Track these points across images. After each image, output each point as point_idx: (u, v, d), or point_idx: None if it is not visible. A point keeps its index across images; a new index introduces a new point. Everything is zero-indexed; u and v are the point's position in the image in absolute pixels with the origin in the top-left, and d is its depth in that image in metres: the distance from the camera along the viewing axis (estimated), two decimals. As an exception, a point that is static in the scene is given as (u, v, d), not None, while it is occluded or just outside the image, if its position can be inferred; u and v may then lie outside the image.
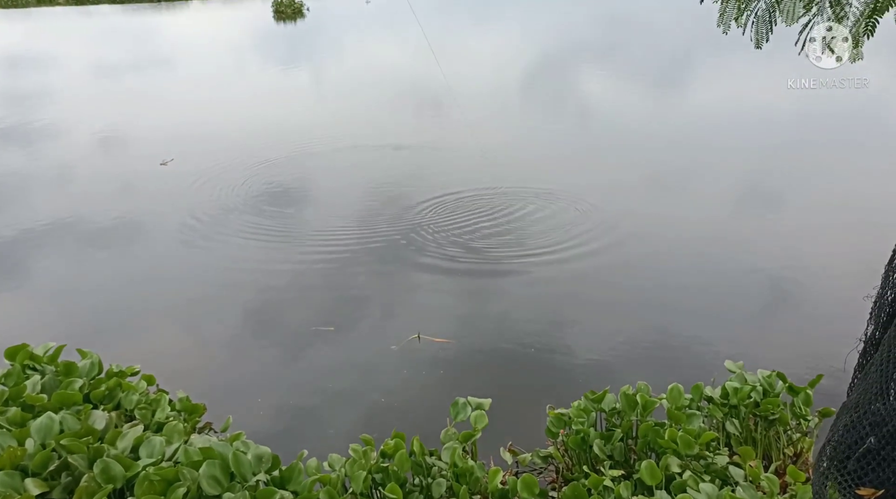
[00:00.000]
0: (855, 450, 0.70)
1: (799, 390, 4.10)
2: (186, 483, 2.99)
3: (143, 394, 4.14)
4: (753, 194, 10.22)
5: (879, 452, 0.68)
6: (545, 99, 17.40)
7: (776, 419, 4.03)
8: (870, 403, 0.72)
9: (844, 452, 0.71)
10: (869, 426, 0.70)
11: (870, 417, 0.71)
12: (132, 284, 8.16)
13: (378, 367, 6.29)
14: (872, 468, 0.68)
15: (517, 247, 8.68)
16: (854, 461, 0.70)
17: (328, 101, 18.78)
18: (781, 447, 4.09)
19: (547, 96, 17.67)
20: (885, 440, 0.68)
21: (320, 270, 8.29)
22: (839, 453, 0.71)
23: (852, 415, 0.73)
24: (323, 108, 17.95)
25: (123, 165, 13.16)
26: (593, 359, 6.25)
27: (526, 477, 3.59)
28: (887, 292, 0.82)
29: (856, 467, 0.69)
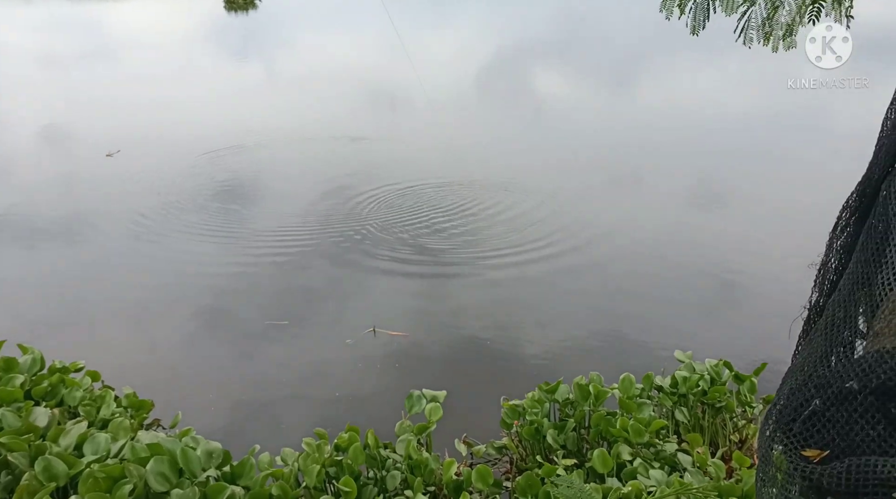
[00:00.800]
0: (800, 413, 0.72)
1: (744, 379, 4.23)
2: (133, 480, 2.92)
3: (88, 390, 4.03)
4: (705, 194, 10.47)
5: (824, 413, 0.70)
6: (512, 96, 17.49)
7: (723, 407, 4.15)
8: (814, 367, 0.75)
9: (790, 415, 0.73)
10: (814, 389, 0.72)
11: (815, 380, 0.73)
12: (76, 279, 7.91)
13: (333, 361, 6.24)
14: (817, 430, 0.70)
15: (474, 242, 8.71)
16: (799, 424, 0.72)
17: (282, 94, 18.50)
18: (727, 434, 4.21)
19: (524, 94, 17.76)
20: (830, 402, 0.70)
21: (273, 264, 8.18)
22: (785, 417, 0.73)
23: (797, 379, 0.75)
24: (276, 100, 17.68)
25: (68, 158, 12.74)
26: (548, 352, 6.32)
27: (480, 468, 3.62)
28: (831, 259, 0.85)
29: (801, 430, 0.72)
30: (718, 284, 7.54)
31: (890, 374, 0.67)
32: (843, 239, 0.85)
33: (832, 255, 0.86)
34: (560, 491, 1.85)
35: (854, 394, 0.70)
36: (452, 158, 11.78)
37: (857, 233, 0.83)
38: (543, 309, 7.07)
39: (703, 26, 3.65)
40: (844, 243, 0.85)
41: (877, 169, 0.82)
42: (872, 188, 0.82)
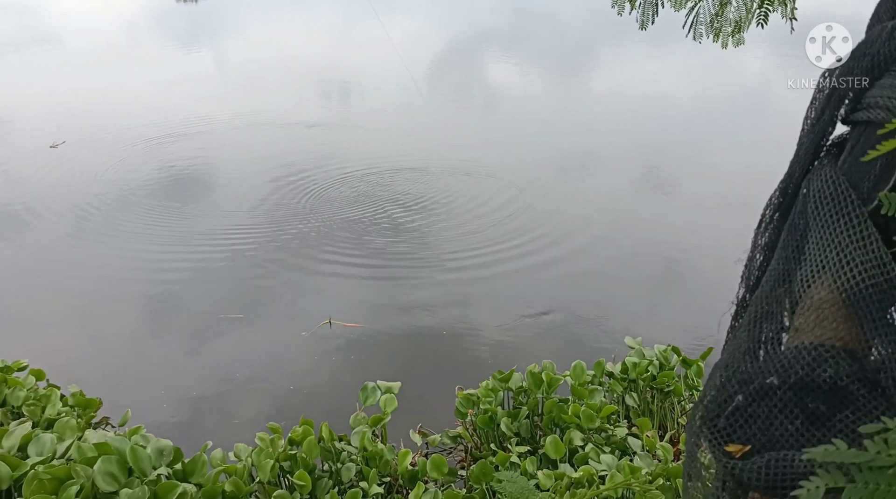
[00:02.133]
0: (724, 408, 0.75)
1: (692, 363, 4.35)
2: (80, 481, 2.86)
3: (32, 390, 3.92)
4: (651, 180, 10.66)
5: (746, 409, 0.73)
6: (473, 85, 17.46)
7: (671, 391, 4.26)
8: (739, 362, 0.77)
9: (714, 410, 0.75)
10: (737, 384, 0.75)
11: (738, 375, 0.75)
12: (16, 275, 7.63)
13: (288, 353, 6.19)
14: (740, 425, 0.73)
15: (430, 231, 8.71)
16: (724, 419, 0.74)
17: (232, 82, 18.10)
18: (676, 417, 4.32)
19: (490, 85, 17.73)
20: (752, 398, 0.73)
21: (225, 257, 8.03)
22: (710, 412, 0.76)
23: (722, 374, 0.78)
24: (226, 88, 17.30)
25: (8, 150, 12.25)
26: (502, 341, 6.38)
27: (435, 457, 3.65)
28: (756, 255, 0.88)
29: (725, 425, 0.74)
30: (666, 271, 7.71)
31: (807, 369, 0.70)
32: (766, 236, 0.88)
33: (757, 251, 0.89)
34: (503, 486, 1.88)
35: (774, 389, 0.72)
36: (405, 145, 11.74)
37: (779, 230, 0.86)
38: (497, 300, 7.12)
39: (653, 21, 3.72)
40: (768, 240, 0.88)
41: (797, 167, 0.85)
42: (794, 186, 0.85)
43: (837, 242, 0.73)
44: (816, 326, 0.73)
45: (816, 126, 0.83)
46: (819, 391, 0.69)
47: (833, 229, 0.74)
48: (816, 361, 0.70)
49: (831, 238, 0.73)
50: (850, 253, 0.72)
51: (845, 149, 0.81)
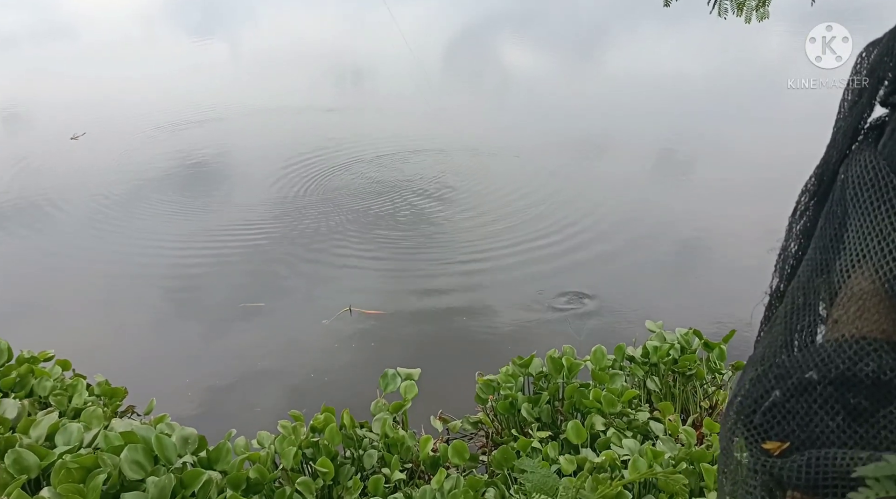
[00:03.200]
0: (761, 404, 0.72)
1: (714, 346, 4.31)
2: (107, 469, 2.90)
3: (59, 380, 3.97)
4: (668, 161, 10.54)
5: (784, 405, 0.70)
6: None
7: (693, 375, 4.23)
8: (775, 356, 0.75)
9: (750, 406, 0.73)
10: (774, 380, 0.72)
11: (775, 370, 0.73)
12: (39, 266, 7.73)
13: (309, 341, 6.22)
14: (778, 422, 0.70)
15: (450, 214, 8.69)
16: (760, 415, 0.72)
17: (247, 70, 18.10)
18: (698, 401, 4.29)
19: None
20: (790, 393, 0.71)
21: (244, 246, 8.07)
22: (745, 408, 0.73)
23: (758, 369, 0.76)
24: (242, 76, 17.30)
25: (29, 141, 12.37)
26: (521, 327, 6.36)
27: (456, 443, 3.65)
28: (791, 244, 0.85)
29: (762, 422, 0.72)
30: (686, 254, 7.63)
31: (848, 363, 0.68)
32: (802, 223, 0.85)
33: (792, 239, 0.86)
34: (526, 477, 1.87)
35: (814, 384, 0.70)
36: (419, 129, 11.71)
37: (816, 217, 0.83)
38: (515, 284, 7.10)
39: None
40: (804, 228, 0.85)
41: (834, 152, 0.82)
42: (830, 172, 0.82)
43: (878, 229, 0.70)
44: (857, 319, 0.70)
45: (854, 108, 0.80)
46: (861, 386, 0.67)
47: (874, 216, 0.71)
48: (858, 355, 0.67)
49: (872, 226, 0.71)
50: (892, 241, 0.69)
51: (885, 132, 0.78)
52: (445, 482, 3.28)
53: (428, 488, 3.23)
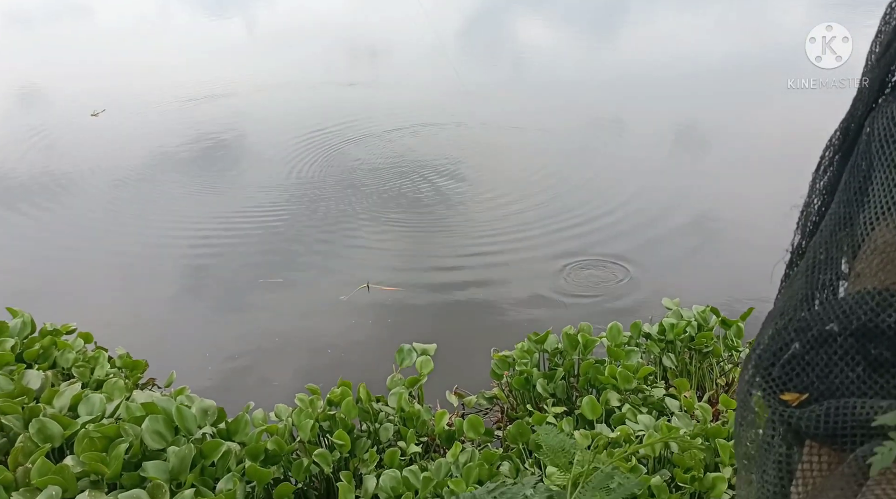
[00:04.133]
0: (780, 357, 0.72)
1: (731, 324, 4.28)
2: (129, 439, 2.95)
3: (81, 352, 4.02)
4: (686, 138, 10.42)
5: (804, 357, 0.70)
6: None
7: (710, 352, 4.21)
8: (795, 310, 0.74)
9: (769, 359, 0.72)
10: (794, 333, 0.72)
11: (795, 323, 0.73)
12: (60, 242, 7.82)
13: (326, 317, 6.27)
14: (797, 374, 0.70)
15: (469, 190, 8.68)
16: (779, 368, 0.72)
17: (267, 47, 18.07)
18: (714, 378, 4.28)
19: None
20: (810, 345, 0.70)
21: (263, 221, 8.11)
22: (764, 361, 0.73)
23: (777, 323, 0.75)
24: (261, 54, 17.28)
25: (49, 118, 12.47)
26: (537, 303, 6.36)
27: (472, 418, 3.68)
28: (813, 200, 0.84)
29: (780, 374, 0.71)
30: (703, 232, 7.57)
31: (870, 315, 0.67)
32: (825, 179, 0.84)
33: (815, 195, 0.85)
34: (545, 439, 1.88)
35: (834, 336, 0.69)
36: (440, 102, 11.67)
37: (839, 172, 0.82)
38: (533, 260, 7.09)
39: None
40: (827, 183, 0.84)
41: (860, 105, 0.81)
42: (856, 125, 0.81)
43: None
44: (880, 271, 0.70)
45: (882, 60, 0.78)
46: (883, 337, 0.66)
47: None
48: (881, 307, 0.67)
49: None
50: None
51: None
52: (461, 456, 3.31)
53: (443, 461, 3.26)
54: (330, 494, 3.43)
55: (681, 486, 2.98)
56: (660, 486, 2.85)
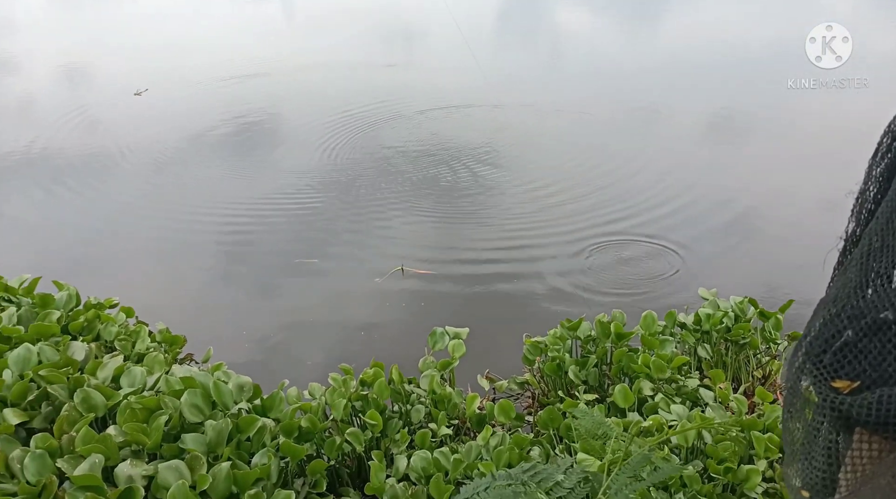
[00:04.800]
0: (831, 344, 0.71)
1: (770, 315, 4.21)
2: (168, 411, 3.02)
3: (123, 326, 4.13)
4: (724, 127, 10.21)
5: (857, 344, 0.69)
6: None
7: (746, 344, 4.15)
8: (848, 297, 0.73)
9: (821, 346, 0.72)
10: (847, 320, 0.71)
11: (848, 311, 0.71)
12: (101, 219, 7.99)
13: (361, 298, 6.33)
14: (849, 361, 0.69)
15: (504, 174, 8.65)
16: (830, 355, 0.71)
17: (305, 30, 18.18)
18: (751, 370, 4.22)
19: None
20: (863, 333, 0.69)
21: (300, 202, 8.19)
22: (815, 349, 0.72)
23: (830, 310, 0.74)
24: (300, 36, 17.40)
25: (93, 97, 12.73)
26: (570, 291, 6.33)
27: (503, 402, 3.69)
28: (870, 186, 0.82)
29: (832, 361, 0.71)
30: (741, 223, 7.43)
31: (926, 304, 0.66)
32: (882, 166, 0.82)
33: (871, 182, 0.83)
34: (580, 423, 1.88)
35: (888, 324, 0.68)
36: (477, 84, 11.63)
37: None
38: (567, 246, 7.05)
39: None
40: (884, 170, 0.82)
41: None
42: None
43: None
44: (939, 259, 0.68)
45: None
46: None
47: None
48: None
49: None
50: None
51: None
52: (491, 439, 3.33)
53: (474, 444, 3.28)
54: (361, 472, 3.48)
55: (713, 477, 2.96)
56: (692, 476, 2.84)
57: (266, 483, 2.88)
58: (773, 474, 3.04)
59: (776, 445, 3.04)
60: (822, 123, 9.44)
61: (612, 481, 1.55)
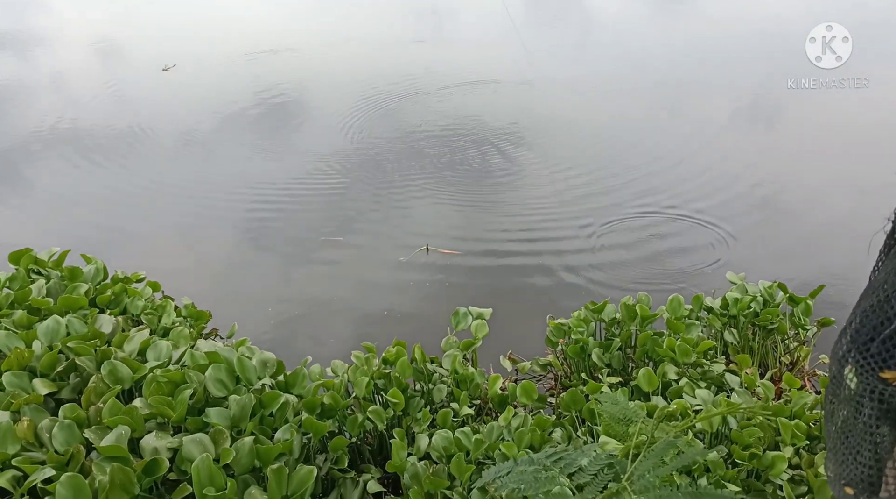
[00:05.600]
0: (879, 332, 0.67)
1: (799, 301, 4.13)
2: (193, 385, 3.05)
3: (149, 300, 4.17)
4: (753, 110, 9.99)
5: None
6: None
7: (775, 329, 4.08)
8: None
9: (868, 334, 0.68)
10: (895, 308, 0.67)
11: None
12: (128, 194, 8.08)
13: (384, 277, 6.34)
14: None
15: (530, 155, 8.57)
16: (878, 344, 0.67)
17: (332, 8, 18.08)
18: (778, 356, 4.15)
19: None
20: None
21: (326, 181, 8.21)
22: (861, 336, 0.68)
23: (877, 296, 0.70)
24: (328, 13, 17.31)
25: (122, 73, 12.84)
26: (595, 273, 6.27)
27: (525, 384, 3.67)
28: (921, 169, 0.78)
29: (879, 350, 0.67)
30: (771, 207, 7.29)
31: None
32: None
33: None
34: (604, 408, 1.85)
35: None
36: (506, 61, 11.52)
37: None
38: (592, 229, 6.98)
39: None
40: None
41: None
42: None
43: None
44: None
45: None
46: None
47: None
48: None
49: None
50: None
51: None
52: (513, 420, 3.31)
53: (495, 425, 3.27)
54: (383, 450, 3.50)
55: (738, 463, 2.92)
56: (716, 461, 2.80)
57: (288, 458, 2.90)
58: (799, 462, 2.99)
59: (803, 432, 2.98)
60: (860, 101, 9.18)
61: (636, 466, 1.52)
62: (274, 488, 2.68)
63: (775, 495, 2.88)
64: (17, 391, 2.95)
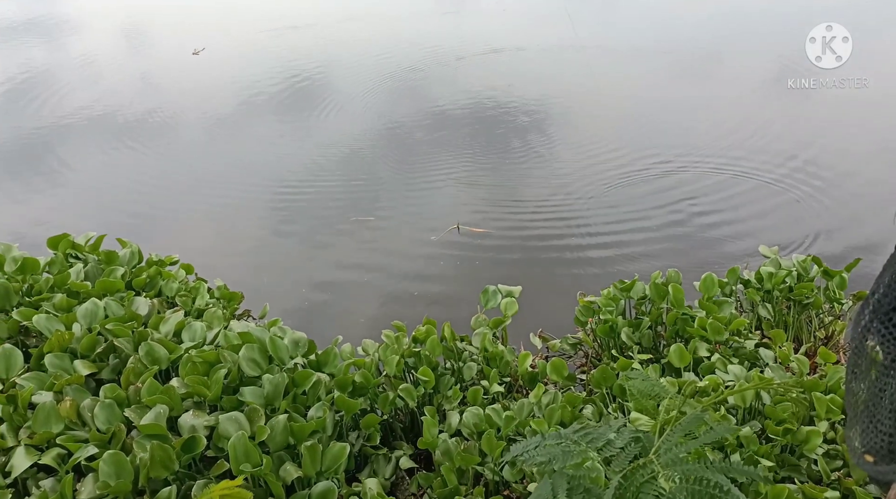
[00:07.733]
0: None
1: (834, 274, 4.04)
2: (227, 365, 3.12)
3: (183, 282, 4.25)
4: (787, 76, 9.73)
5: None
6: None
7: (809, 303, 4.01)
8: None
9: (890, 303, 0.67)
10: None
11: None
12: (158, 178, 8.18)
13: (415, 256, 6.35)
14: None
15: (558, 131, 8.49)
16: None
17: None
18: (813, 330, 4.09)
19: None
20: None
21: (355, 160, 8.23)
22: (884, 307, 0.67)
23: (902, 266, 0.69)
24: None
25: (152, 57, 12.99)
26: (624, 251, 6.22)
27: (555, 361, 3.67)
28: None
29: None
30: (804, 177, 7.12)
31: None
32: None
33: None
34: (634, 384, 1.85)
35: None
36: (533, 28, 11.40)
37: None
38: (621, 206, 6.91)
39: None
40: None
41: None
42: None
43: None
44: None
45: None
46: None
47: None
48: None
49: None
50: None
51: None
52: (543, 397, 3.33)
53: (526, 402, 3.29)
54: (414, 427, 3.54)
55: (772, 438, 2.90)
56: (749, 437, 2.78)
57: (322, 435, 2.96)
58: (834, 436, 2.96)
59: (838, 406, 2.94)
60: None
61: (664, 440, 1.52)
62: (308, 463, 2.74)
63: (810, 469, 2.86)
64: (59, 372, 3.05)
